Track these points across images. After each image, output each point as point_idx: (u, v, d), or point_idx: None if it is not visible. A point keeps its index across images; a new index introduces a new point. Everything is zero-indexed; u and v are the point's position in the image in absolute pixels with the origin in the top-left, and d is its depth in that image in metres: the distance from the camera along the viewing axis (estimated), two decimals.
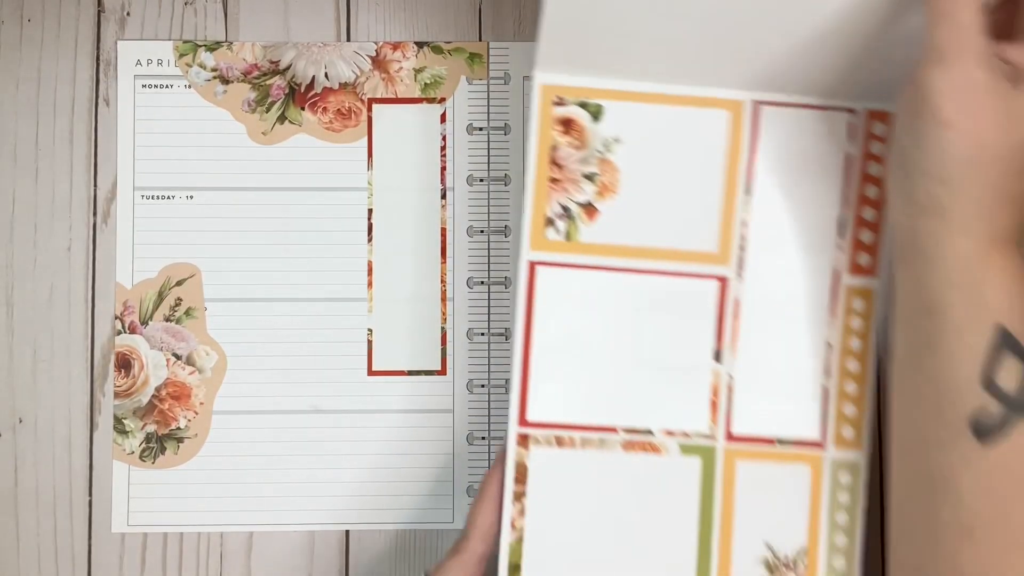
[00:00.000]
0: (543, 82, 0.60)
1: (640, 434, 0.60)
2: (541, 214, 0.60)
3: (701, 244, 0.60)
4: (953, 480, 0.48)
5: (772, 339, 0.61)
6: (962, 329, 0.48)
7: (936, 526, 0.48)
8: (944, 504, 0.48)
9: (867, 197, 0.61)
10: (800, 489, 0.61)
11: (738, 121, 0.60)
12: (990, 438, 0.47)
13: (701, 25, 0.56)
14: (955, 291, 0.48)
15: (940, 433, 0.48)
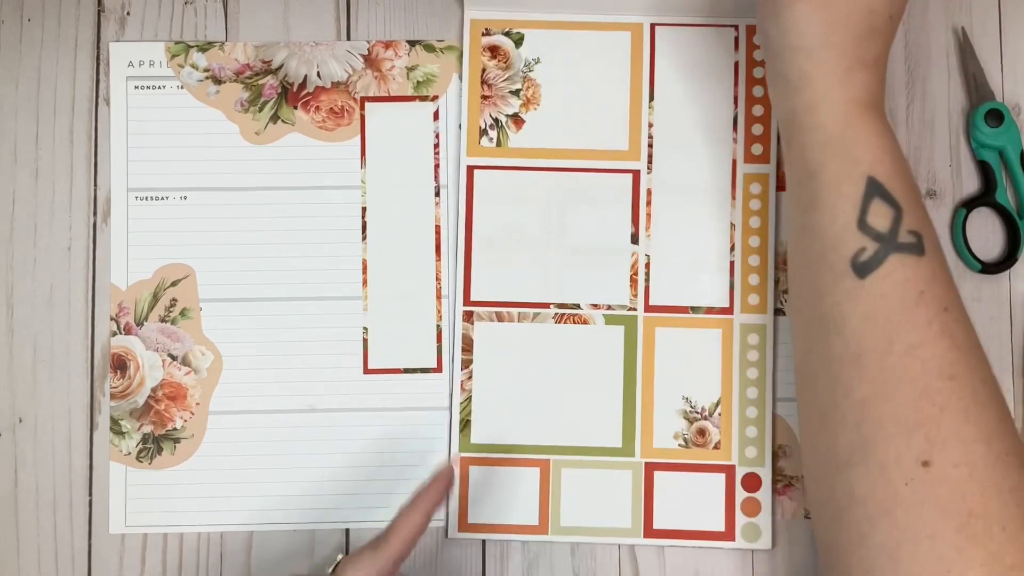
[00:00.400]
0: (472, 16, 0.71)
1: (569, 308, 0.69)
2: (475, 126, 0.70)
3: (614, 144, 0.70)
4: (840, 315, 0.53)
5: (682, 222, 0.70)
6: (839, 183, 0.54)
7: (831, 360, 0.54)
8: (836, 339, 0.53)
9: (754, 96, 0.70)
10: (713, 350, 0.69)
11: (639, 40, 0.71)
12: (868, 272, 0.53)
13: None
14: (828, 152, 0.55)
15: (826, 277, 0.54)
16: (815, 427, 0.55)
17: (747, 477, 0.68)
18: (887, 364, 0.51)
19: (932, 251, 0.54)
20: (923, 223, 0.54)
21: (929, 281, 0.53)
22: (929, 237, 0.54)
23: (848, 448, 0.52)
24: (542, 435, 0.69)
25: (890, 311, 0.52)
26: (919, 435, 0.50)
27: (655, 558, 0.69)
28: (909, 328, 0.52)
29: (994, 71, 0.71)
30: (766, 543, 0.68)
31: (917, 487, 0.49)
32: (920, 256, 0.53)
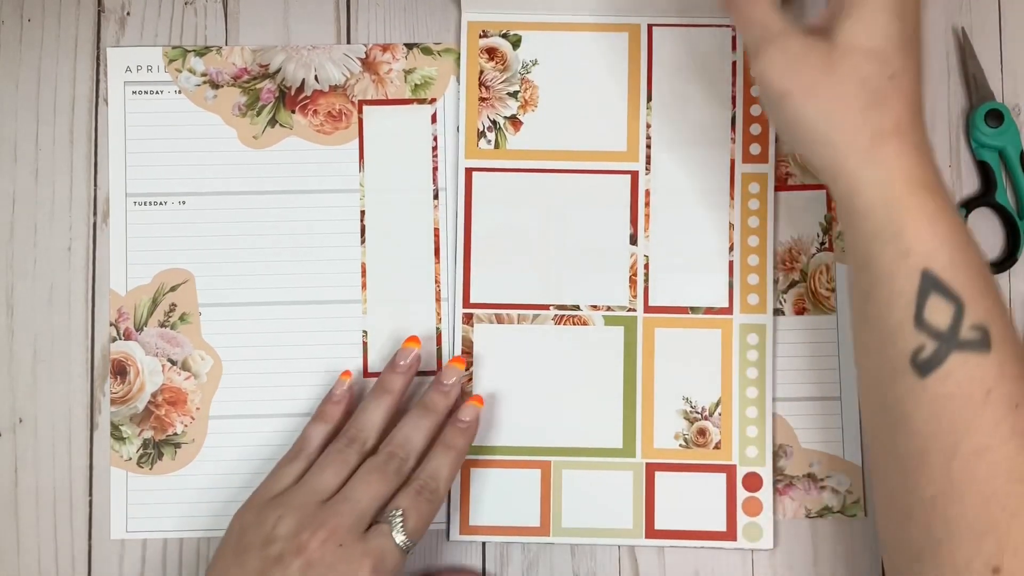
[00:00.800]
0: (470, 19, 0.71)
1: (569, 309, 0.69)
2: (473, 128, 0.70)
3: (612, 145, 0.70)
4: (903, 412, 0.51)
5: (680, 223, 0.70)
6: (891, 277, 0.51)
7: (897, 456, 0.52)
8: (900, 434, 0.52)
9: (751, 96, 0.70)
10: (712, 350, 0.69)
11: (636, 41, 0.71)
12: (929, 372, 0.50)
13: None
14: (878, 243, 0.52)
15: (887, 372, 0.52)
16: (887, 514, 0.55)
17: (748, 477, 0.68)
18: (954, 466, 0.50)
19: (1001, 342, 0.51)
20: (990, 314, 0.51)
21: (997, 378, 0.50)
22: (997, 328, 0.51)
23: (919, 543, 0.51)
24: (543, 437, 0.69)
25: (954, 412, 0.50)
26: (989, 540, 0.49)
27: (655, 558, 0.69)
28: (976, 430, 0.50)
29: (994, 71, 0.71)
30: (768, 543, 0.68)
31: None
32: (986, 352, 0.50)
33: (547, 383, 0.69)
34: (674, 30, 0.71)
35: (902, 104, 0.52)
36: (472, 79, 0.71)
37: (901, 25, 0.52)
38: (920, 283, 0.51)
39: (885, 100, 0.52)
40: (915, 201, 0.51)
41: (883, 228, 0.52)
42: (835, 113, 0.52)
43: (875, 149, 0.52)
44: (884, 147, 0.52)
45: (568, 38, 0.71)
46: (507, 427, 0.69)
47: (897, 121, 0.52)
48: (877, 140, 0.52)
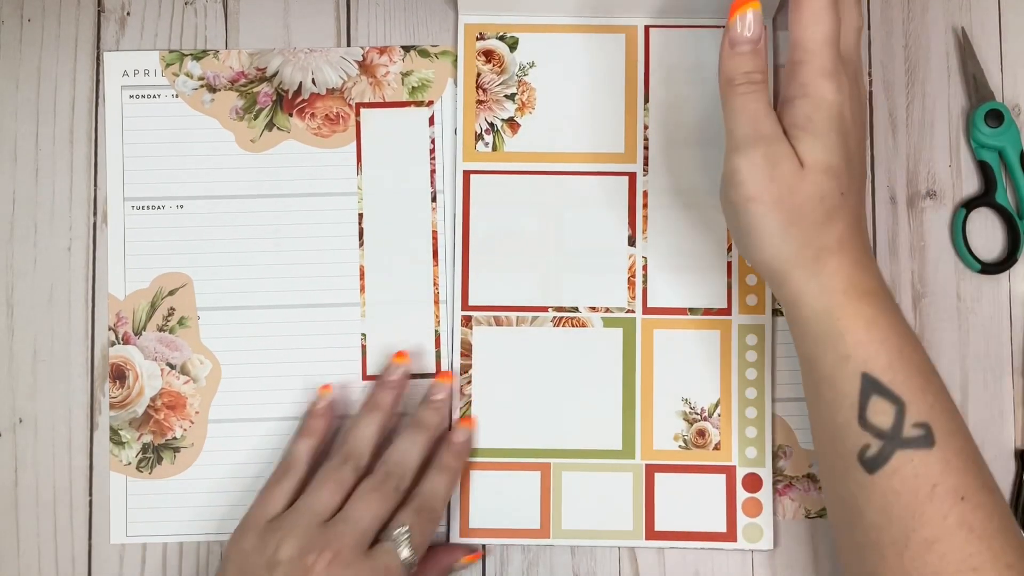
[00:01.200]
0: (466, 21, 0.71)
1: (567, 311, 0.69)
2: (471, 131, 0.70)
3: (610, 147, 0.70)
4: (856, 506, 0.54)
5: (678, 224, 0.70)
6: (833, 379, 0.55)
7: (854, 547, 0.55)
8: (856, 526, 0.55)
9: None
10: (711, 351, 0.69)
11: (633, 43, 0.71)
12: (876, 469, 0.53)
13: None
14: (819, 347, 0.55)
15: (840, 466, 0.55)
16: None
17: (748, 477, 0.68)
18: (906, 558, 0.52)
19: (944, 437, 0.53)
20: (933, 410, 0.54)
21: (942, 473, 0.52)
22: (940, 423, 0.53)
23: None
24: (542, 439, 0.69)
25: (903, 507, 0.52)
26: None
27: (655, 558, 0.69)
28: (924, 523, 0.52)
29: (994, 71, 0.71)
30: (768, 543, 0.68)
31: None
32: (929, 448, 0.53)
33: (546, 385, 0.69)
34: (671, 31, 0.71)
35: (847, 220, 0.55)
36: (469, 81, 0.71)
37: (846, 144, 0.55)
38: (861, 385, 0.54)
39: (835, 217, 0.55)
40: (852, 309, 0.54)
41: (825, 334, 0.55)
42: (792, 227, 0.54)
43: (819, 263, 0.55)
44: (828, 261, 0.55)
45: (565, 40, 0.71)
46: (507, 429, 0.69)
47: (840, 237, 0.55)
48: (823, 254, 0.55)
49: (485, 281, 0.70)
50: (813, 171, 0.54)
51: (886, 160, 0.71)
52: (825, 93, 0.54)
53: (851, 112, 0.56)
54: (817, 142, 0.54)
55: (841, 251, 0.55)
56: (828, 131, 0.54)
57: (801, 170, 0.54)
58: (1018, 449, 0.69)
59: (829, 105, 0.54)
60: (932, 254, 0.70)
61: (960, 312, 0.70)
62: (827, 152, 0.54)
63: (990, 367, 0.70)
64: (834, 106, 0.55)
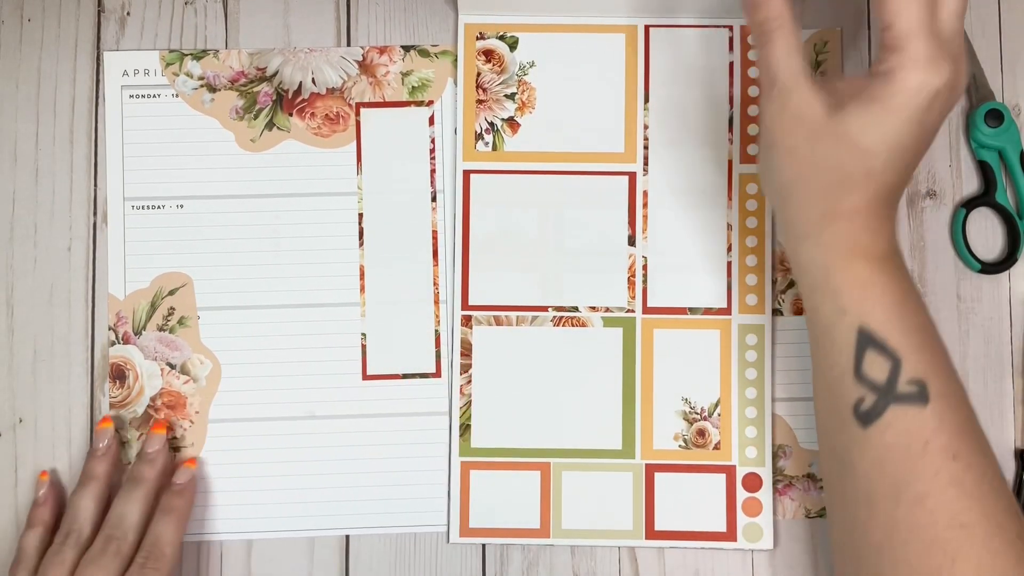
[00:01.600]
0: (466, 21, 0.71)
1: (567, 311, 0.70)
2: (471, 130, 0.70)
3: (609, 146, 0.70)
4: (849, 460, 0.55)
5: (678, 224, 0.70)
6: (830, 329, 0.55)
7: (846, 501, 0.55)
8: (847, 479, 0.55)
9: (749, 96, 0.71)
10: (711, 351, 0.69)
11: (633, 42, 0.71)
12: (870, 422, 0.54)
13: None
14: (818, 296, 0.56)
15: (833, 420, 0.56)
16: (841, 552, 0.57)
17: (748, 477, 0.68)
18: (897, 513, 0.52)
19: (939, 396, 0.53)
20: (929, 369, 0.54)
21: (935, 430, 0.53)
22: (936, 382, 0.54)
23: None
24: (542, 438, 0.69)
25: (895, 462, 0.53)
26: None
27: (655, 558, 0.69)
28: (916, 479, 0.52)
29: (994, 71, 0.71)
30: (768, 543, 0.68)
31: None
32: (923, 405, 0.53)
33: (546, 385, 0.69)
34: (671, 31, 0.71)
35: (867, 198, 0.54)
36: (469, 81, 0.71)
37: (906, 134, 0.53)
38: (857, 339, 0.54)
39: (852, 188, 0.54)
40: (850, 269, 0.55)
41: (821, 285, 0.56)
42: (803, 180, 0.55)
43: (823, 222, 0.55)
44: (833, 223, 0.55)
45: (565, 40, 0.71)
46: (506, 429, 0.69)
47: (854, 209, 0.55)
48: (828, 217, 0.55)
49: (485, 281, 0.70)
50: (838, 137, 0.53)
51: None
52: (911, 84, 0.52)
53: (936, 108, 0.53)
54: (863, 116, 0.53)
55: (850, 219, 0.55)
56: (888, 112, 0.52)
57: (822, 128, 0.53)
58: (1018, 449, 0.69)
59: (909, 96, 0.52)
60: (932, 254, 0.71)
61: (960, 312, 0.70)
62: (864, 130, 0.53)
63: (990, 367, 0.70)
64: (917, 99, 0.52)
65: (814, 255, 0.56)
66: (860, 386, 0.54)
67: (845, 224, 0.55)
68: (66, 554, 0.62)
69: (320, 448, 0.69)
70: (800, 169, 0.54)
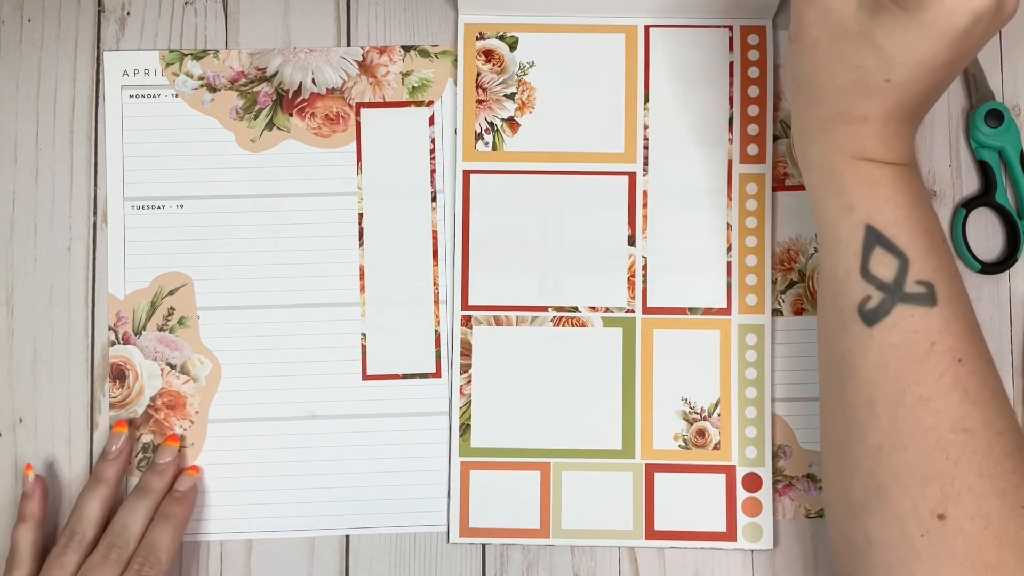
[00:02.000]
0: (466, 21, 0.71)
1: (567, 311, 0.70)
2: (471, 130, 0.70)
3: (609, 146, 0.70)
4: (852, 361, 0.54)
5: (678, 224, 0.70)
6: (836, 226, 0.55)
7: (845, 405, 0.54)
8: (848, 383, 0.54)
9: (749, 96, 0.71)
10: (711, 351, 0.69)
11: (633, 42, 0.71)
12: (875, 321, 0.53)
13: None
14: (824, 191, 0.55)
15: (836, 321, 0.55)
16: (833, 466, 0.56)
17: (747, 477, 0.68)
18: (899, 415, 0.52)
19: (947, 299, 0.53)
20: (937, 272, 0.53)
21: (941, 332, 0.52)
22: (944, 286, 0.53)
23: (864, 493, 0.53)
24: (542, 439, 0.69)
25: (900, 362, 0.52)
26: (934, 488, 0.51)
27: (655, 558, 0.69)
28: (920, 380, 0.52)
29: (994, 71, 0.71)
30: (768, 543, 0.68)
31: (933, 539, 0.50)
32: (931, 307, 0.53)
33: (546, 385, 0.69)
34: (671, 31, 0.71)
35: (883, 109, 0.53)
36: (469, 81, 0.71)
37: (936, 52, 0.51)
38: (864, 236, 0.53)
39: (868, 94, 0.53)
40: (857, 169, 0.54)
41: (828, 180, 0.55)
42: (818, 76, 0.54)
43: (833, 122, 0.54)
44: (843, 125, 0.54)
45: (565, 39, 0.71)
46: (506, 429, 0.69)
47: (866, 115, 0.54)
48: (840, 118, 0.54)
49: (485, 281, 0.70)
50: (861, 40, 0.52)
51: None
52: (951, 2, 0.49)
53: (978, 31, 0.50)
54: (894, 26, 0.50)
55: (862, 124, 0.54)
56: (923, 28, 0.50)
57: (847, 29, 0.52)
58: None
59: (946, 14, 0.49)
60: None
61: None
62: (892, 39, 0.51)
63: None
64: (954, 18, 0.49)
65: (824, 152, 0.55)
66: (867, 284, 0.53)
67: (857, 128, 0.54)
68: (68, 558, 0.62)
69: (320, 448, 0.69)
70: (819, 64, 0.53)
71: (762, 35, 0.71)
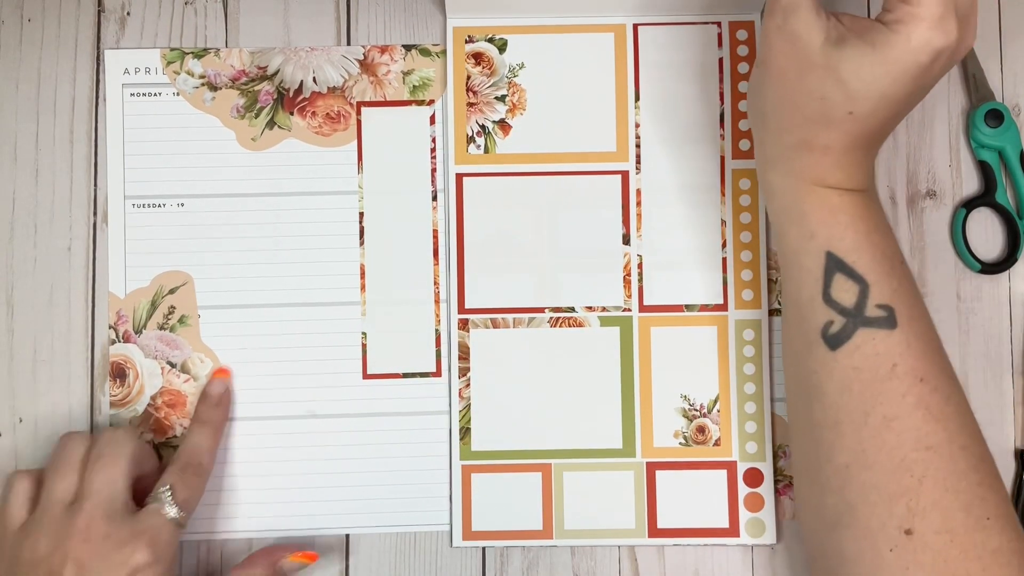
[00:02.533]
0: (455, 24, 0.71)
1: (564, 312, 0.70)
2: (462, 134, 0.71)
3: (601, 146, 0.71)
4: (817, 383, 0.56)
5: (673, 221, 0.70)
6: (798, 253, 0.56)
7: (813, 425, 0.56)
8: (815, 404, 0.56)
9: (739, 92, 0.71)
10: (709, 347, 0.69)
11: (622, 41, 0.71)
12: (838, 345, 0.55)
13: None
14: (786, 218, 0.57)
15: (801, 344, 0.57)
16: (805, 483, 0.58)
17: (749, 472, 0.68)
18: (864, 435, 0.54)
19: (907, 321, 0.55)
20: (896, 295, 0.55)
21: (902, 353, 0.54)
22: (903, 308, 0.55)
23: (835, 510, 0.55)
24: (542, 440, 0.69)
25: (863, 384, 0.54)
26: (900, 504, 0.52)
27: (655, 557, 0.69)
28: (883, 401, 0.53)
29: (994, 71, 0.71)
30: (771, 538, 0.68)
31: (901, 553, 0.52)
32: (891, 329, 0.54)
33: (545, 386, 0.69)
34: (659, 28, 0.71)
35: (844, 140, 0.54)
36: (459, 84, 0.71)
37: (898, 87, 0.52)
38: (825, 263, 0.55)
39: (831, 125, 0.53)
40: (817, 196, 0.55)
41: (790, 208, 0.56)
42: (783, 105, 0.54)
43: (796, 151, 0.55)
44: (805, 155, 0.55)
45: (554, 40, 0.71)
46: (506, 431, 0.69)
47: (828, 145, 0.54)
48: (802, 148, 0.55)
49: (481, 284, 0.70)
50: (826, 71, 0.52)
51: (886, 160, 0.71)
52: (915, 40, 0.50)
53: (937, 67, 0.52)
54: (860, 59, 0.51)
55: (823, 153, 0.55)
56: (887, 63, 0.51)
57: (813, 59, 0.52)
58: (1018, 449, 0.69)
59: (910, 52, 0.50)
60: (932, 254, 0.70)
61: (960, 312, 0.70)
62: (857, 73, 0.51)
63: (990, 367, 0.70)
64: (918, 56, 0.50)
65: (785, 179, 0.56)
66: (829, 309, 0.55)
67: (819, 157, 0.55)
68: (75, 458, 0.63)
69: (320, 448, 0.69)
70: (784, 94, 0.54)
71: (751, 30, 0.71)
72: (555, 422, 0.69)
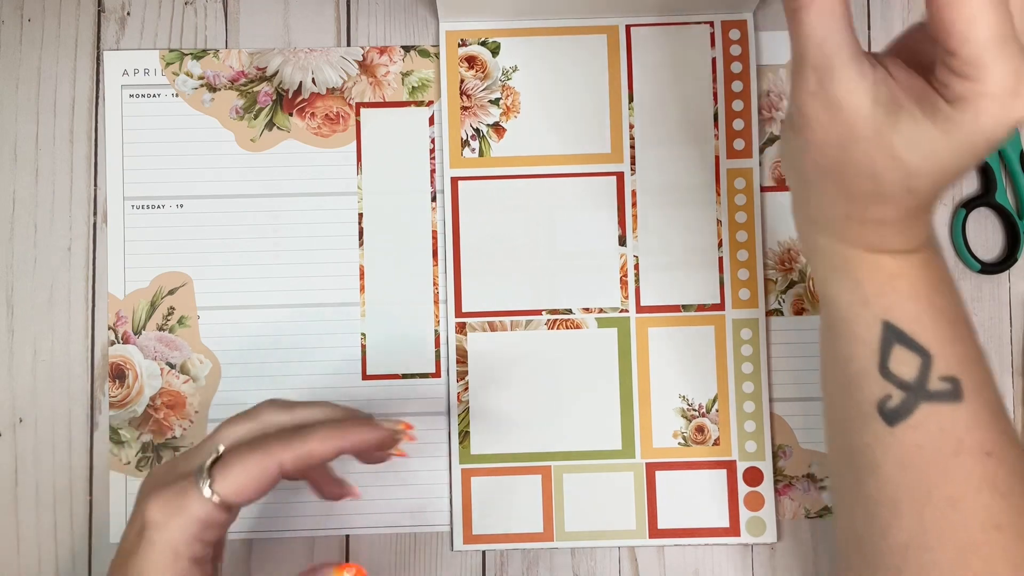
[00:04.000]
0: (447, 28, 0.71)
1: (561, 314, 0.70)
2: (457, 137, 0.71)
3: (596, 147, 0.71)
4: (872, 457, 0.50)
5: (668, 221, 0.70)
6: (849, 321, 0.49)
7: (865, 499, 0.50)
8: (868, 479, 0.50)
9: (733, 92, 0.71)
10: (707, 347, 0.69)
11: (615, 42, 0.71)
12: (898, 421, 0.48)
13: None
14: (834, 282, 0.50)
15: (854, 414, 0.50)
16: (856, 558, 0.53)
17: (748, 472, 0.68)
18: (926, 515, 0.48)
19: (973, 392, 0.49)
20: (962, 364, 0.49)
21: (969, 428, 0.48)
22: (969, 377, 0.49)
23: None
24: (541, 442, 0.69)
25: (926, 462, 0.48)
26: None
27: (655, 557, 0.69)
28: (948, 480, 0.48)
29: None
30: (771, 537, 0.68)
31: None
32: (957, 403, 0.48)
33: (543, 388, 0.69)
34: (652, 29, 0.71)
35: (901, 212, 0.47)
36: (453, 88, 0.71)
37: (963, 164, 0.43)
38: (883, 333, 0.49)
39: (885, 201, 0.46)
40: (872, 262, 0.49)
41: (839, 273, 0.50)
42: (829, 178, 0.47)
43: (846, 223, 0.48)
44: (857, 226, 0.48)
45: (547, 43, 0.71)
46: (505, 434, 0.69)
47: (883, 219, 0.47)
48: (853, 220, 0.48)
49: (478, 287, 0.70)
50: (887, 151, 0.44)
51: None
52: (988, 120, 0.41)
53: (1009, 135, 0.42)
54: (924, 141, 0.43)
55: (878, 225, 0.47)
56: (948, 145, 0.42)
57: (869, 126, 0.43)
58: None
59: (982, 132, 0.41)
60: None
61: None
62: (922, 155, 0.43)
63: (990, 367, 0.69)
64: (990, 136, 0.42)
65: (833, 244, 0.49)
66: (886, 383, 0.49)
67: (872, 228, 0.47)
68: None
69: None
70: (827, 165, 0.45)
71: (743, 30, 0.71)
72: (554, 424, 0.69)
